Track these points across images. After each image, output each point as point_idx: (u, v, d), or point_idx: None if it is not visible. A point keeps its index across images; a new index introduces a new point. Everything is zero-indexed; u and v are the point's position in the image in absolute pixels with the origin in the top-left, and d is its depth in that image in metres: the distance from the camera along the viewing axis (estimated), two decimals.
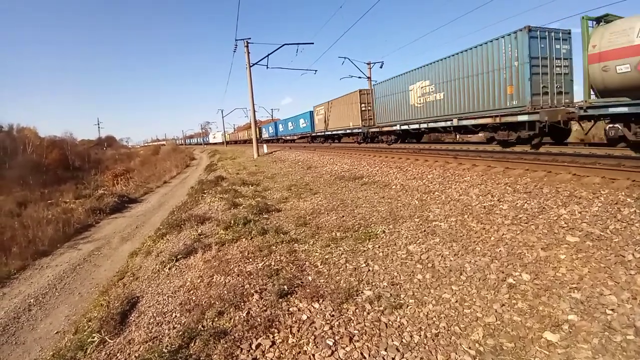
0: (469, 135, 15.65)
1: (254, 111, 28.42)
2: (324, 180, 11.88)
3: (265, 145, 33.52)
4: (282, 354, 3.09)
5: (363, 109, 24.38)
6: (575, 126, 13.04)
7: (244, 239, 6.33)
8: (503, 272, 4.04)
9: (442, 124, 16.08)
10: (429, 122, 17.00)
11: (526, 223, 5.21)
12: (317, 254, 5.30)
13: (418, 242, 5.25)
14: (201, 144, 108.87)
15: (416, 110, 18.05)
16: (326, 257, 5.13)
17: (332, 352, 3.01)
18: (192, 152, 66.45)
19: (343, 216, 7.05)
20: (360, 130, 24.85)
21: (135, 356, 3.67)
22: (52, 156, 43.86)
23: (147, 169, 39.75)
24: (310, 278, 4.53)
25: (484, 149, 12.81)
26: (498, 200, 6.38)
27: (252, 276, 4.73)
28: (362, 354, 2.97)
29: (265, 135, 55.57)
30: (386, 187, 9.21)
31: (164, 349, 3.41)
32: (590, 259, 3.97)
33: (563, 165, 7.26)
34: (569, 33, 12.10)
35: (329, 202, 8.39)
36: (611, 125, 9.71)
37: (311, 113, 35.57)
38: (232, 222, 7.35)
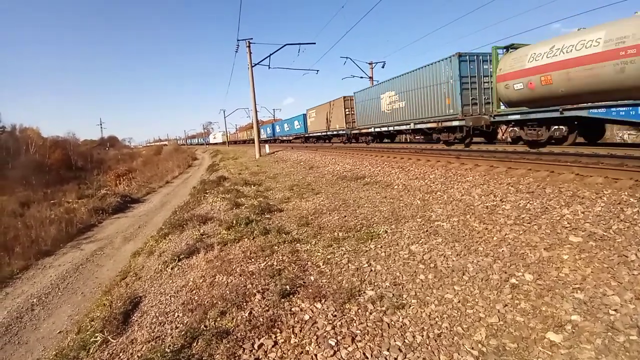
0: (420, 136, 19.03)
1: (256, 111, 28.41)
2: (326, 180, 11.88)
3: (267, 145, 33.55)
4: (285, 354, 3.10)
5: (347, 113, 27.00)
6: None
7: (246, 239, 6.33)
8: (506, 273, 4.03)
9: (405, 127, 19.36)
10: (395, 126, 20.33)
11: (529, 223, 5.20)
12: (319, 254, 5.30)
13: (420, 242, 5.24)
14: (203, 144, 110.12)
15: (386, 115, 21.04)
16: (328, 257, 5.13)
17: (335, 352, 3.01)
18: (194, 152, 66.58)
19: (345, 216, 7.04)
20: (344, 132, 27.56)
21: (137, 356, 3.68)
22: (55, 156, 44.04)
23: (150, 169, 39.85)
24: (312, 278, 4.53)
25: (487, 149, 12.79)
26: (500, 200, 6.37)
27: (254, 276, 4.73)
28: (364, 354, 2.97)
29: (263, 136, 56.48)
30: (388, 187, 9.20)
31: (166, 349, 3.41)
32: (593, 259, 3.95)
33: (566, 165, 7.24)
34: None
35: (331, 202, 8.39)
36: (512, 128, 12.86)
37: (304, 115, 37.02)
38: (235, 222, 7.35)
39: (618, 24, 9.07)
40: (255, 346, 3.23)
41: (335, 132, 29.58)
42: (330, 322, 3.47)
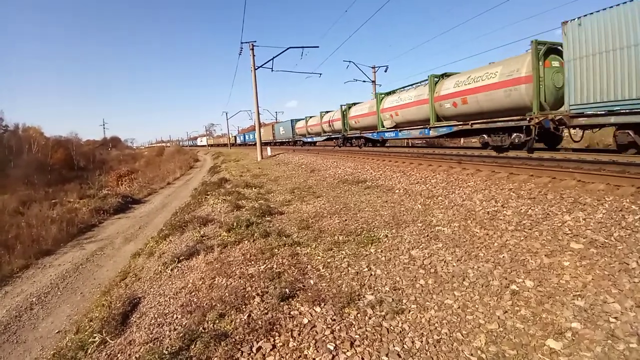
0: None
1: (258, 114, 28.47)
2: (327, 183, 11.87)
3: (269, 148, 33.63)
4: (283, 357, 3.08)
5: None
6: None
7: (246, 241, 6.33)
8: (506, 279, 4.01)
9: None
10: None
11: (530, 229, 5.18)
12: (319, 257, 5.29)
13: (421, 247, 5.23)
14: (193, 146, 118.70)
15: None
16: (328, 260, 5.12)
17: (333, 357, 2.99)
18: (196, 153, 66.71)
19: (346, 220, 7.03)
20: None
21: (135, 357, 3.67)
22: (57, 156, 44.14)
23: (151, 170, 39.91)
24: (312, 282, 4.51)
25: (488, 154, 12.78)
26: (502, 205, 6.35)
27: (253, 279, 4.72)
28: (362, 359, 2.95)
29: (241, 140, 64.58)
30: (389, 191, 9.19)
31: (164, 351, 3.40)
32: (594, 266, 3.93)
33: (568, 172, 7.22)
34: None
35: (332, 205, 8.38)
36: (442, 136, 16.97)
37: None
38: (235, 224, 7.35)
39: (508, 62, 12.52)
40: (254, 349, 3.22)
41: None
42: (329, 326, 3.45)
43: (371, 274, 4.54)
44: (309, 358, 3.03)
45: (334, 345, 3.15)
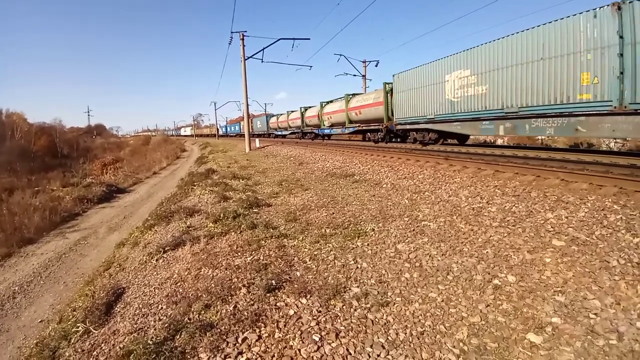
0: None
1: (247, 105, 28.28)
2: (315, 176, 11.88)
3: (257, 140, 33.47)
4: (268, 348, 3.10)
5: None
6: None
7: (233, 233, 6.31)
8: (489, 274, 4.08)
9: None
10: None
11: (513, 226, 5.27)
12: (306, 249, 5.31)
13: (407, 241, 5.28)
14: (174, 136, 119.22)
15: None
16: (315, 253, 5.14)
17: (318, 348, 3.02)
18: (183, 143, 66.03)
19: (333, 213, 7.06)
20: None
21: (119, 347, 3.65)
22: (41, 143, 43.16)
23: (137, 159, 39.35)
24: (298, 273, 4.54)
25: (475, 152, 12.91)
26: (487, 202, 6.45)
27: (240, 270, 4.72)
28: (347, 350, 2.99)
29: (237, 130, 67.67)
30: (377, 185, 9.24)
31: (149, 341, 3.39)
32: (575, 263, 4.02)
33: (552, 170, 7.35)
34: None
35: (320, 198, 8.40)
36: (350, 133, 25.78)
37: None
38: (222, 215, 7.32)
39: (378, 92, 20.65)
40: (239, 340, 3.23)
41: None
42: (315, 317, 3.48)
43: (357, 267, 4.58)
44: (294, 349, 3.05)
45: (320, 336, 3.18)
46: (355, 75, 33.71)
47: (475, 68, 12.88)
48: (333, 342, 3.09)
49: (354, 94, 24.42)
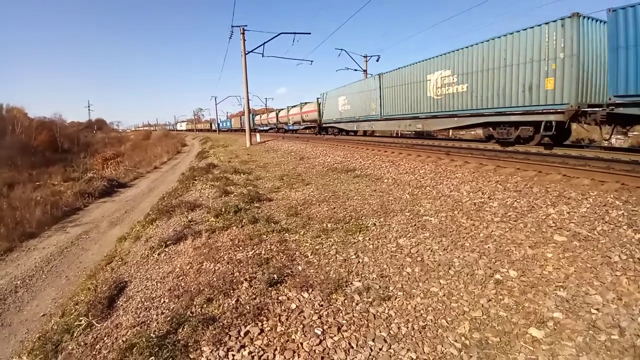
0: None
1: (248, 99, 28.20)
2: (316, 171, 11.87)
3: (258, 134, 33.48)
4: (270, 341, 3.11)
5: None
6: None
7: (234, 227, 6.32)
8: (491, 268, 4.09)
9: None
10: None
11: (515, 221, 5.27)
12: (307, 244, 5.32)
13: (408, 235, 5.29)
14: (173, 130, 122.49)
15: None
16: (316, 247, 5.15)
17: (320, 341, 3.04)
18: (184, 138, 66.01)
19: (334, 207, 7.06)
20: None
21: (122, 340, 3.66)
22: (41, 137, 43.15)
23: (138, 153, 39.32)
24: (300, 268, 4.54)
25: (476, 147, 12.91)
26: (488, 197, 6.44)
27: (242, 264, 4.73)
28: (349, 343, 3.00)
29: (228, 125, 76.69)
30: (378, 180, 9.24)
31: (151, 334, 3.41)
32: (577, 258, 4.03)
33: (553, 166, 7.34)
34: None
35: (321, 193, 8.40)
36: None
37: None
38: (223, 209, 7.32)
39: (314, 103, 32.55)
40: (242, 333, 3.24)
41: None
42: (317, 311, 3.49)
43: (359, 261, 4.59)
44: (296, 342, 3.06)
45: (322, 330, 3.19)
46: (356, 70, 33.72)
47: (348, 96, 26.25)
48: (335, 335, 3.11)
49: (305, 102, 35.48)
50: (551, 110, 11.16)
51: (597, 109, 10.17)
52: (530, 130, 12.19)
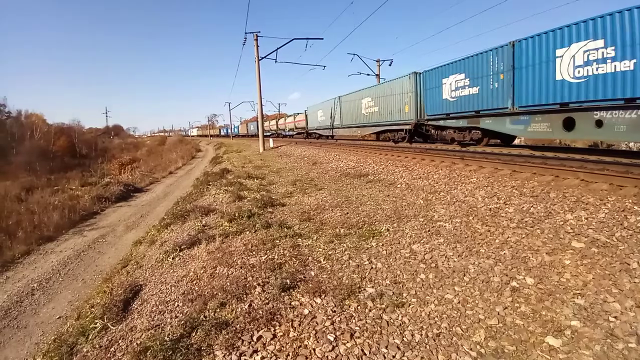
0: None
1: (261, 105, 28.41)
2: (329, 176, 11.87)
3: (271, 140, 33.71)
4: (283, 347, 3.10)
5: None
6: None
7: (247, 232, 6.35)
8: (507, 275, 4.02)
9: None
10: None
11: (532, 227, 5.18)
12: (320, 249, 5.31)
13: (422, 241, 5.24)
14: (188, 136, 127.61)
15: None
16: (329, 253, 5.14)
17: (333, 348, 3.02)
18: (198, 144, 66.76)
19: (347, 213, 7.04)
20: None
21: (137, 343, 3.70)
22: (60, 143, 43.99)
23: (153, 159, 39.92)
24: (312, 273, 4.53)
25: (492, 151, 12.75)
26: (504, 203, 6.35)
27: (255, 269, 4.74)
28: (362, 350, 2.97)
29: (236, 131, 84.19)
30: (391, 185, 9.19)
31: (165, 337, 3.43)
32: (595, 265, 3.94)
33: (571, 171, 7.21)
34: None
35: (334, 198, 8.39)
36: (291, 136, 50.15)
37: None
38: (237, 214, 7.37)
39: (295, 115, 48.16)
40: (254, 338, 3.24)
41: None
42: (330, 317, 3.47)
43: (372, 267, 4.56)
44: (309, 348, 3.05)
45: (334, 336, 3.17)
46: (368, 75, 33.72)
47: (324, 109, 35.15)
48: (348, 342, 3.08)
49: (298, 113, 45.48)
50: (408, 122, 19.99)
51: (425, 122, 19.04)
52: (402, 133, 21.03)
